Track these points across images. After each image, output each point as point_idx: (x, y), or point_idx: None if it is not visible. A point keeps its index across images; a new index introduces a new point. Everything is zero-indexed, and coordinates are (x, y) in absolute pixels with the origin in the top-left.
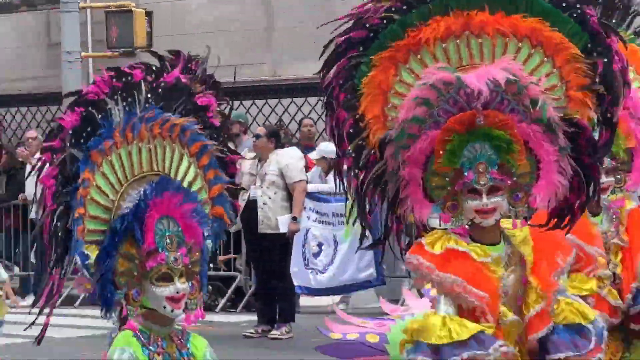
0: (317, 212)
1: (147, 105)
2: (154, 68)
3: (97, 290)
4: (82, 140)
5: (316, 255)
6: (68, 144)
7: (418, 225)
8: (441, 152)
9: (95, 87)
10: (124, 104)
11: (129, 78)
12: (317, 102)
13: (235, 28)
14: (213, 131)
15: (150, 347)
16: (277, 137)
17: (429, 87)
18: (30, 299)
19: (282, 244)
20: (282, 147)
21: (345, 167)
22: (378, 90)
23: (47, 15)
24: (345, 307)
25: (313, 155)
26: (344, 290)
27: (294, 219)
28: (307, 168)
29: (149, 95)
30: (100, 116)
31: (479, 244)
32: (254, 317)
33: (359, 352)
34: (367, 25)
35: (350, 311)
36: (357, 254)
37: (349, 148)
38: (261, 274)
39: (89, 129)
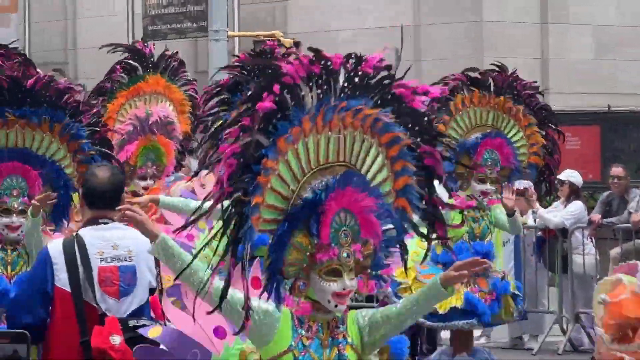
0: None
1: (342, 94)
2: (353, 56)
3: (265, 279)
4: (270, 125)
5: None
6: (256, 129)
7: None
8: None
9: (292, 69)
10: (319, 91)
11: (328, 64)
12: None
13: None
14: (410, 120)
15: (300, 330)
16: None
17: None
18: None
19: None
20: None
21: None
22: None
23: (195, 44)
24: (487, 341)
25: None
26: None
27: None
28: None
29: (346, 84)
30: (293, 102)
31: None
32: None
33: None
34: None
35: (491, 344)
36: None
37: None
38: None
39: (279, 115)
